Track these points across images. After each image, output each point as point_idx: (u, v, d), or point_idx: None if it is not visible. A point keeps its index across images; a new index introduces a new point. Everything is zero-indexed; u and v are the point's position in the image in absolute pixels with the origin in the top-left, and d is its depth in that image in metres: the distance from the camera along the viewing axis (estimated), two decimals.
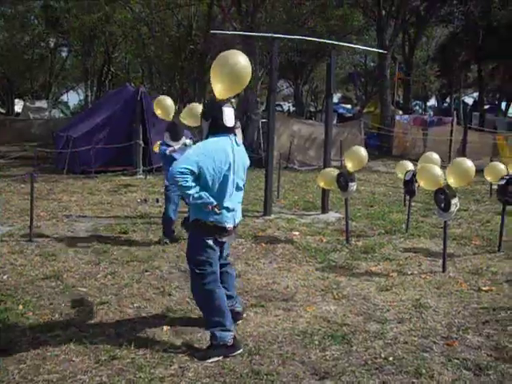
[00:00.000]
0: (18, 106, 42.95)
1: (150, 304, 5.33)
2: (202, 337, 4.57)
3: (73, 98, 54.55)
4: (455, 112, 23.54)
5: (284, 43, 22.92)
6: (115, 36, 33.84)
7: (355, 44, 26.86)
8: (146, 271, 6.39)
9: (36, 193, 9.29)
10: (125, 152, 15.03)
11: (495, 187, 8.61)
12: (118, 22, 30.18)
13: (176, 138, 7.74)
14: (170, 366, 4.05)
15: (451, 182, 6.59)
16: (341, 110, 41.54)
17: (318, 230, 8.80)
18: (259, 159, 16.46)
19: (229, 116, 4.33)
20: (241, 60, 4.50)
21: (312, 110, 46.36)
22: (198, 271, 4.34)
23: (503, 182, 7.45)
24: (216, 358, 4.17)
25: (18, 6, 33.00)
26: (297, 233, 8.57)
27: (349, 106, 48.47)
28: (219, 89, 4.46)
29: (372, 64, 40.57)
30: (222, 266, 4.63)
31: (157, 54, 31.51)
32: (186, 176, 4.10)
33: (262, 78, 23.43)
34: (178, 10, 28.30)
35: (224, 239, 4.47)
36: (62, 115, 37.95)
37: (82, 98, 44.57)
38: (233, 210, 4.41)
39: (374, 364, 4.09)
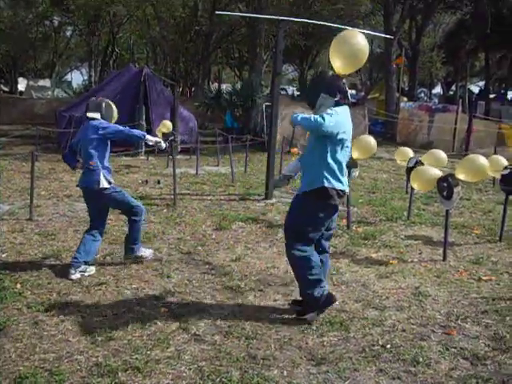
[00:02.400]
0: (22, 85, 42.84)
1: (148, 286, 5.32)
2: (199, 319, 4.56)
3: (76, 78, 54.21)
4: (460, 100, 23.36)
5: (290, 26, 22.71)
6: (120, 16, 33.68)
7: (361, 29, 26.64)
8: None
9: (37, 172, 9.28)
10: None
11: (498, 177, 8.55)
12: (123, 1, 29.98)
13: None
14: (167, 348, 4.04)
15: (461, 177, 6.51)
16: None
17: None
18: (262, 142, 16.40)
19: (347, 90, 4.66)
20: (360, 40, 4.80)
21: None
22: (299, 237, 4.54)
23: (507, 172, 7.39)
24: (312, 314, 4.54)
25: None
26: None
27: (353, 92, 48.22)
28: (339, 65, 4.76)
29: (378, 50, 40.31)
30: (319, 251, 4.73)
31: (162, 34, 31.40)
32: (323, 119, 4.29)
33: (267, 61, 23.32)
34: None
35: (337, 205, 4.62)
36: (65, 95, 37.81)
37: (85, 77, 44.47)
38: (345, 176, 4.64)
39: (372, 351, 4.07)
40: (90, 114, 5.78)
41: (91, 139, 5.64)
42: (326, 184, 4.47)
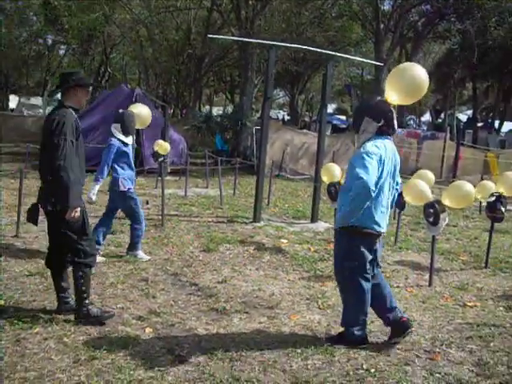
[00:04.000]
0: (13, 102, 42.79)
1: (133, 305, 5.29)
2: (184, 340, 4.54)
3: None
4: (449, 128, 23.63)
5: (282, 52, 22.96)
6: (114, 36, 33.86)
7: (352, 56, 26.99)
8: (132, 273, 6.34)
9: (25, 189, 9.22)
10: None
11: (484, 204, 8.63)
12: (117, 22, 30.20)
13: (128, 132, 6.91)
14: (150, 368, 4.01)
15: (447, 203, 6.55)
16: (335, 121, 41.72)
17: (306, 239, 8.79)
18: (251, 166, 16.46)
19: (395, 119, 4.51)
20: (421, 74, 4.64)
21: (306, 119, 46.46)
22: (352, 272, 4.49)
23: (492, 199, 7.47)
24: (342, 346, 4.51)
25: (18, 2, 32.96)
26: (285, 241, 8.55)
27: (343, 118, 48.66)
28: (395, 97, 4.64)
29: (368, 76, 40.75)
30: (374, 276, 4.69)
31: (154, 56, 31.61)
32: (375, 188, 4.21)
33: (258, 86, 23.51)
34: (178, 14, 28.36)
35: (377, 245, 4.55)
36: None
37: None
38: (386, 214, 4.53)
39: (356, 375, 4.07)
40: (112, 126, 6.76)
41: None
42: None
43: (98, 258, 6.16)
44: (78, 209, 4.56)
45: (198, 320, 5.05)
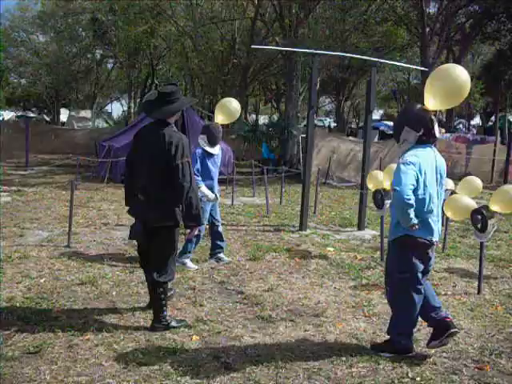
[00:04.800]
0: (64, 115, 44.12)
1: (180, 313, 5.38)
2: (230, 347, 4.60)
3: (116, 109, 55.52)
4: (500, 131, 23.10)
5: (326, 59, 22.92)
6: (160, 49, 34.48)
7: (398, 61, 26.71)
8: (179, 281, 6.45)
9: (76, 200, 9.52)
10: None
11: None
12: (163, 35, 30.74)
13: (214, 143, 7.31)
14: (197, 375, 4.09)
15: (495, 208, 6.42)
16: (382, 127, 41.27)
17: (352, 247, 8.75)
18: (298, 174, 16.47)
19: (436, 126, 4.43)
20: (462, 75, 4.49)
21: (353, 126, 46.17)
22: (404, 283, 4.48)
23: None
24: (387, 354, 4.49)
25: (67, 19, 33.96)
26: (331, 249, 8.54)
27: (391, 123, 48.11)
28: (433, 102, 4.53)
29: (415, 81, 40.23)
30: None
31: (200, 67, 31.99)
32: (412, 194, 4.19)
33: (303, 93, 23.52)
34: (222, 25, 28.67)
35: (429, 254, 4.52)
36: (105, 125, 38.76)
37: (125, 108, 45.46)
38: (438, 222, 4.49)
39: (401, 383, 4.04)
40: (199, 137, 7.26)
41: None
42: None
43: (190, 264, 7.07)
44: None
45: (244, 328, 5.10)
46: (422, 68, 17.20)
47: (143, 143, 4.90)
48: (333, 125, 46.35)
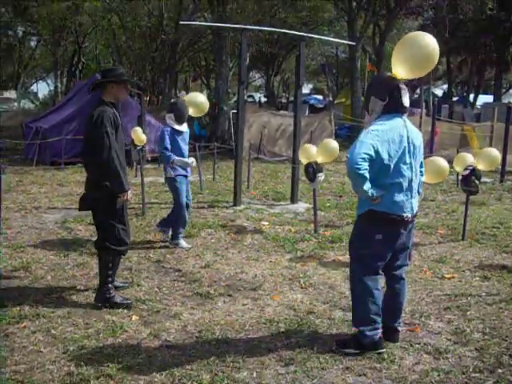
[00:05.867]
0: None
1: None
2: (169, 326, 4.63)
3: (42, 88, 53.79)
4: (425, 103, 23.78)
5: (255, 34, 22.91)
6: (85, 26, 33.48)
7: (326, 35, 27.00)
8: None
9: (4, 184, 9.21)
10: None
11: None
12: (88, 11, 29.82)
13: (181, 121, 7.19)
14: (138, 354, 4.11)
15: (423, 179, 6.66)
16: (312, 101, 41.73)
17: (287, 220, 8.91)
18: (230, 150, 16.50)
19: (406, 95, 4.15)
20: (430, 42, 4.22)
21: (284, 100, 46.44)
22: (360, 264, 4.19)
23: (467, 172, 7.62)
24: (352, 351, 4.14)
25: None
26: (266, 223, 8.66)
27: (320, 97, 48.68)
28: (402, 69, 4.23)
29: (343, 55, 40.79)
30: (392, 278, 4.36)
31: (128, 44, 31.33)
32: (365, 164, 3.88)
33: (233, 69, 23.46)
34: (149, 0, 28.08)
35: (400, 232, 4.15)
36: (31, 106, 37.44)
37: (51, 88, 44.01)
38: (411, 197, 4.16)
39: (338, 351, 4.20)
40: (166, 116, 7.16)
41: None
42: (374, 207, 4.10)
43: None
44: (129, 192, 4.99)
45: (182, 305, 5.15)
46: (350, 42, 17.50)
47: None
48: (263, 100, 46.49)
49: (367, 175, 3.92)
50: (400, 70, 4.24)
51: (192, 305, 5.16)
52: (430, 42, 4.22)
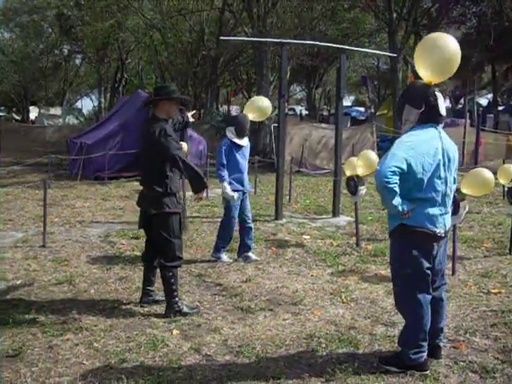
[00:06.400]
0: (33, 113, 43.51)
1: (160, 308, 5.39)
2: (210, 340, 4.63)
3: (87, 104, 55.10)
4: (469, 113, 23.38)
5: (295, 47, 22.95)
6: (128, 42, 34.15)
7: (367, 47, 26.85)
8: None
9: (50, 199, 9.43)
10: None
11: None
12: (131, 28, 30.44)
13: (242, 134, 7.14)
14: (179, 369, 4.11)
15: (466, 191, 6.52)
16: (354, 113, 41.57)
17: (328, 234, 8.84)
18: (271, 163, 16.51)
19: (442, 103, 3.95)
20: (451, 43, 4.08)
21: (325, 113, 46.35)
22: (405, 286, 4.02)
23: None
24: (395, 369, 4.00)
25: (32, 15, 33.44)
26: (307, 237, 8.61)
27: (362, 109, 48.42)
28: (428, 73, 4.08)
29: (385, 67, 40.52)
30: (432, 300, 4.09)
31: (169, 59, 31.78)
32: (395, 178, 3.69)
33: (274, 82, 23.54)
34: (190, 16, 28.48)
35: (434, 249, 4.02)
36: (76, 121, 38.35)
37: (95, 104, 45.00)
38: (445, 213, 4.01)
39: (380, 366, 4.12)
40: (227, 129, 7.18)
41: None
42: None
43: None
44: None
45: (223, 319, 5.14)
46: (391, 54, 17.35)
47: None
48: (304, 112, 46.47)
49: (397, 189, 3.74)
50: (424, 72, 4.10)
51: (232, 319, 5.15)
52: (450, 42, 4.10)
